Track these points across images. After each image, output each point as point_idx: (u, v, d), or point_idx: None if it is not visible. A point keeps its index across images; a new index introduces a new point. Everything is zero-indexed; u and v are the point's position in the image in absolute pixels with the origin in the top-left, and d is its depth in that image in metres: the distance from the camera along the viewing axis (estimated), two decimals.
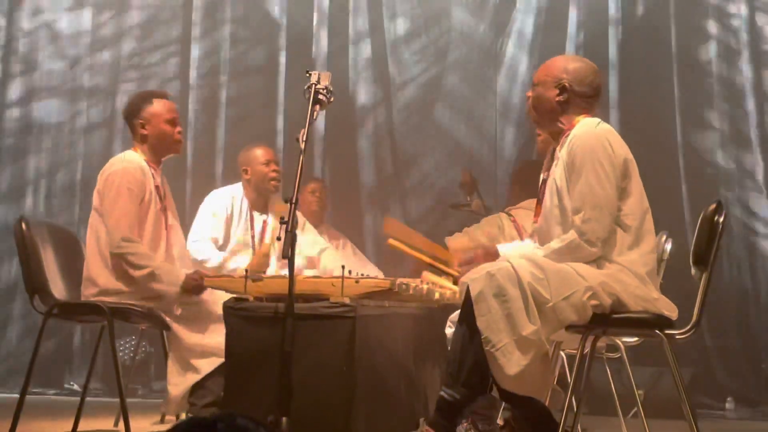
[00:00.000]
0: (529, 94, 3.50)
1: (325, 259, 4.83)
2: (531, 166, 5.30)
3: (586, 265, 3.20)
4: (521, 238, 4.50)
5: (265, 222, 4.93)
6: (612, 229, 3.22)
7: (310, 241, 4.81)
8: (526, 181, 4.93)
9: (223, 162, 6.80)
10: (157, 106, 4.16)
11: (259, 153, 4.95)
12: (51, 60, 7.06)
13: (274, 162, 4.97)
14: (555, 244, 3.25)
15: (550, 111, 3.40)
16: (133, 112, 4.19)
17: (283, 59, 6.97)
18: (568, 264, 3.19)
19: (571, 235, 3.21)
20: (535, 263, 3.16)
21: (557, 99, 3.38)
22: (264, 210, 4.95)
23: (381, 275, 5.13)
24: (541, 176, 3.48)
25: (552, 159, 3.42)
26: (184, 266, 4.16)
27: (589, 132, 3.29)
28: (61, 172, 6.96)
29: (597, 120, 3.38)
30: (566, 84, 3.38)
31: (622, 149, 3.27)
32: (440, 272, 3.66)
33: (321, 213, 5.79)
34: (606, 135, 3.28)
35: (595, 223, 3.18)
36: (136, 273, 3.90)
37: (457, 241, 4.13)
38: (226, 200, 4.90)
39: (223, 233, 4.84)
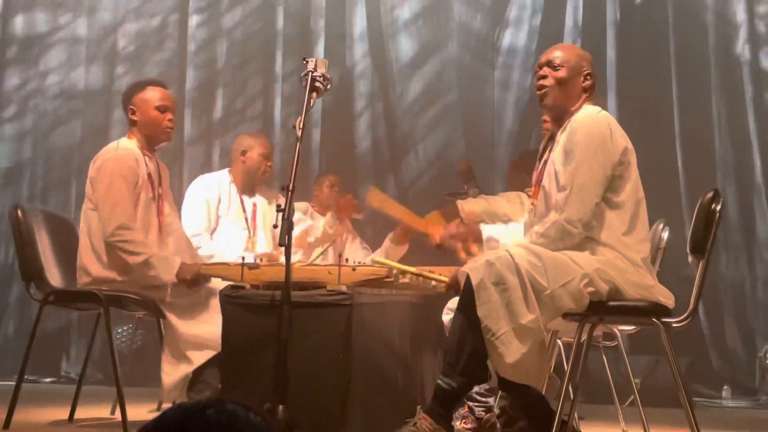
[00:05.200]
0: (552, 73, 3.38)
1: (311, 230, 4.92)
2: (533, 156, 5.28)
3: (582, 253, 3.21)
4: None
5: (254, 205, 4.92)
6: (595, 213, 3.21)
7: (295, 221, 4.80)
8: (530, 170, 4.94)
9: (219, 149, 6.78)
10: (149, 93, 4.15)
11: (260, 145, 4.91)
12: (48, 42, 7.05)
13: (270, 158, 4.97)
14: (539, 228, 3.26)
15: (574, 95, 3.38)
16: (126, 99, 4.19)
17: (280, 46, 6.94)
18: (563, 252, 3.19)
19: (553, 215, 3.23)
20: (531, 251, 3.16)
21: (584, 85, 3.39)
22: (252, 194, 4.94)
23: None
24: (541, 158, 3.47)
25: (551, 142, 3.43)
26: (180, 255, 4.14)
27: (590, 117, 3.30)
28: (57, 158, 6.95)
29: (598, 108, 3.39)
30: (590, 71, 3.41)
31: (622, 138, 3.28)
32: (426, 279, 3.59)
33: (335, 206, 5.77)
34: (607, 121, 3.29)
35: (578, 204, 3.19)
36: (132, 259, 3.89)
37: (470, 205, 4.02)
38: (214, 185, 4.88)
39: (214, 218, 4.83)
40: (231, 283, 3.60)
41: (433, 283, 3.61)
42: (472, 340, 3.12)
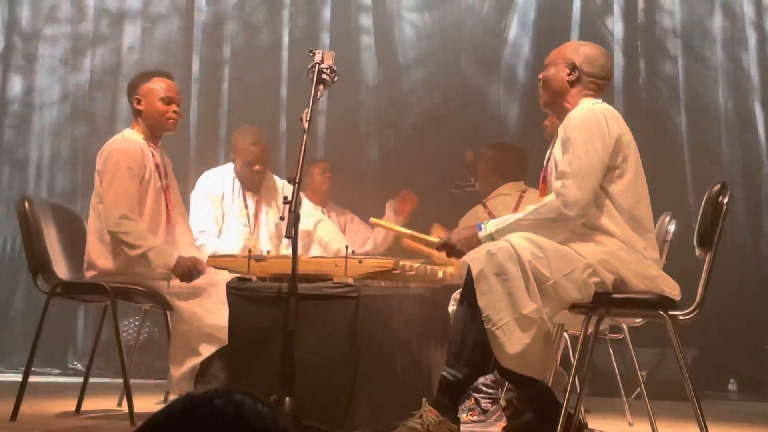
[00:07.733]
0: (541, 76, 3.51)
1: (321, 230, 4.78)
2: (503, 150, 5.14)
3: (585, 244, 3.21)
4: None
5: (257, 203, 4.87)
6: (592, 199, 3.21)
7: (304, 213, 4.76)
8: (503, 167, 4.91)
9: (225, 140, 6.78)
10: (155, 84, 4.16)
11: (245, 148, 4.79)
12: (51, 37, 7.05)
13: (258, 162, 4.78)
14: (535, 206, 3.27)
15: (560, 90, 3.42)
16: (132, 89, 4.21)
17: (286, 38, 6.93)
18: (566, 243, 3.19)
19: (550, 197, 3.23)
20: (534, 242, 3.16)
21: (568, 78, 3.40)
22: (257, 191, 4.90)
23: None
24: (546, 154, 3.48)
25: (555, 137, 3.44)
26: (186, 246, 4.15)
27: (586, 108, 3.33)
28: (63, 151, 6.96)
29: (597, 100, 3.40)
30: (577, 63, 3.41)
31: (617, 126, 3.27)
32: (419, 240, 3.80)
33: (329, 192, 5.79)
34: (602, 110, 3.30)
35: (575, 188, 3.19)
36: (131, 252, 3.91)
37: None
38: (218, 182, 4.85)
39: (220, 215, 4.80)
40: (238, 275, 3.60)
41: (425, 248, 3.70)
42: (474, 331, 3.12)
